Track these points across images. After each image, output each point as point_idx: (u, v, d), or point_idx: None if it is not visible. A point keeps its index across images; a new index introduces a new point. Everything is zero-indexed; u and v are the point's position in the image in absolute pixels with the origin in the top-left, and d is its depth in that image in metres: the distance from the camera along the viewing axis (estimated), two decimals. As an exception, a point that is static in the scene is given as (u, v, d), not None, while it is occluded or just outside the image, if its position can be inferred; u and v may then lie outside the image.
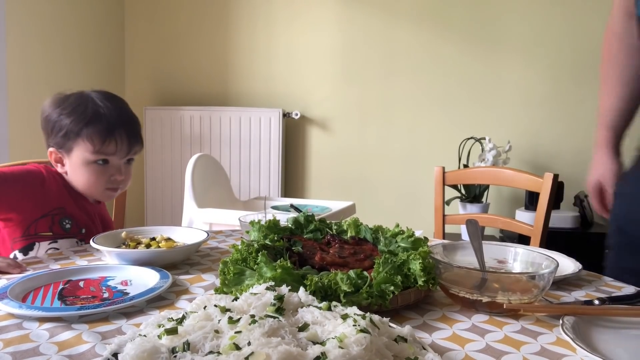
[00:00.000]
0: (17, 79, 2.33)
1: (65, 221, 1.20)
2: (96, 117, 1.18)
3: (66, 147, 1.20)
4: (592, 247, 2.26)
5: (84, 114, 1.18)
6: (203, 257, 1.06)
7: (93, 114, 1.18)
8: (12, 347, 0.60)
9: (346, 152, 2.82)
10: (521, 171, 1.60)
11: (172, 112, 2.85)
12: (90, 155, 1.18)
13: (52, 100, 1.22)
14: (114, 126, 1.18)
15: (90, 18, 2.79)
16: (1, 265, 0.92)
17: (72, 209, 1.22)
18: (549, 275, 0.73)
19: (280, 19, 2.85)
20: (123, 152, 1.21)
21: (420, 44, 2.68)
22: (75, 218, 1.23)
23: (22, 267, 0.93)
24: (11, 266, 0.92)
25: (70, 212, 1.22)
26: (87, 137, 1.17)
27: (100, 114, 1.18)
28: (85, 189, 1.23)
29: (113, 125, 1.18)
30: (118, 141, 1.19)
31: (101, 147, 1.17)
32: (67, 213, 1.21)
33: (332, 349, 0.49)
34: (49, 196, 1.19)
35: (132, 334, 0.55)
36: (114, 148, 1.19)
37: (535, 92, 2.58)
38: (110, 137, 1.18)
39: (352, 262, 0.83)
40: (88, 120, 1.17)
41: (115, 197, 1.30)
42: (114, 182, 1.23)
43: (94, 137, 1.17)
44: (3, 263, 0.92)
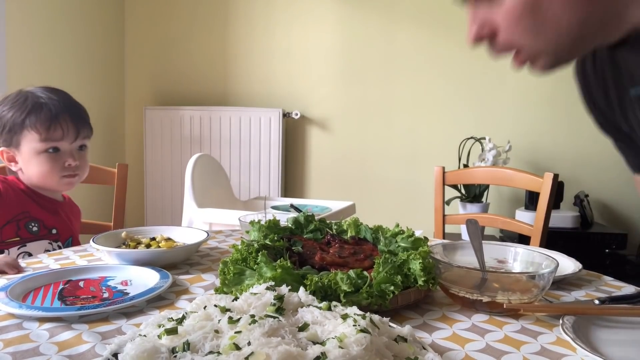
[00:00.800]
0: (17, 79, 2.33)
1: (31, 224, 1.20)
2: (37, 106, 1.18)
3: (14, 143, 1.20)
4: (592, 247, 2.27)
5: (24, 105, 1.18)
6: (203, 257, 1.06)
7: (33, 104, 1.18)
8: (12, 347, 0.60)
9: (346, 152, 2.82)
10: (521, 171, 1.60)
11: (172, 112, 2.85)
12: (39, 144, 1.17)
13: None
14: (57, 112, 1.19)
15: (90, 18, 2.79)
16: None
17: (36, 211, 1.22)
18: (549, 275, 0.73)
19: (280, 19, 2.85)
20: (71, 136, 1.21)
21: (420, 43, 2.68)
22: (42, 220, 1.22)
23: (19, 269, 0.93)
24: (8, 265, 0.92)
25: (34, 215, 1.22)
26: (31, 127, 1.17)
27: (41, 103, 1.19)
28: (42, 180, 1.22)
29: (56, 111, 1.19)
30: (64, 125, 1.19)
31: (47, 134, 1.17)
32: (31, 216, 1.21)
33: (332, 349, 0.49)
34: (9, 204, 1.18)
35: (132, 334, 0.55)
36: (60, 133, 1.19)
37: (535, 92, 2.58)
38: (54, 122, 1.18)
39: (352, 262, 0.83)
40: (29, 110, 1.17)
41: (74, 185, 1.28)
42: (68, 169, 1.22)
43: (38, 125, 1.17)
44: (1, 262, 0.92)
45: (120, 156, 3.05)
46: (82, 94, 2.74)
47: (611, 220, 2.54)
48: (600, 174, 2.53)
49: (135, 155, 3.04)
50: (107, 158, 2.88)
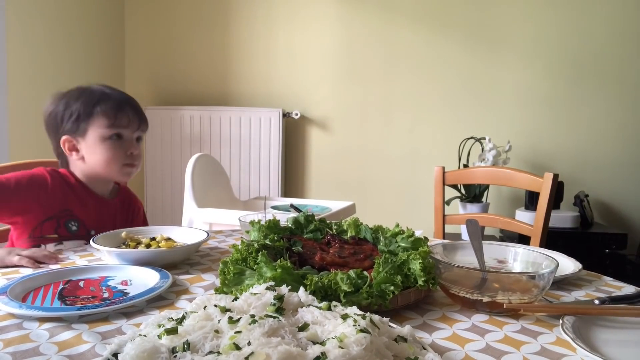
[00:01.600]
0: (17, 79, 2.33)
1: (71, 223, 1.21)
2: (105, 96, 1.25)
3: (80, 130, 1.23)
4: (592, 247, 2.27)
5: (92, 95, 1.24)
6: (203, 257, 1.06)
7: (101, 94, 1.25)
8: (12, 347, 0.60)
9: (346, 152, 2.82)
10: (521, 171, 1.60)
11: (172, 112, 2.85)
12: (106, 130, 1.22)
13: (53, 98, 1.27)
14: (123, 102, 1.26)
15: (90, 18, 2.79)
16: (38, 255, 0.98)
17: (79, 211, 1.24)
18: (549, 275, 0.73)
19: (280, 19, 2.85)
20: (134, 125, 1.27)
21: (420, 43, 2.68)
22: (82, 220, 1.23)
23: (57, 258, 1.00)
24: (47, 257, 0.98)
25: (76, 214, 1.23)
26: (101, 113, 1.22)
27: (107, 94, 1.26)
28: (105, 167, 1.25)
29: (121, 101, 1.26)
30: (130, 114, 1.26)
31: (115, 121, 1.23)
32: (73, 215, 1.22)
33: (332, 349, 0.49)
34: (53, 199, 1.20)
35: (132, 334, 0.55)
36: (126, 120, 1.25)
37: (535, 92, 2.58)
38: (121, 110, 1.24)
39: (352, 262, 0.83)
40: (98, 99, 1.23)
41: (132, 175, 1.32)
42: (130, 157, 1.27)
43: (108, 112, 1.23)
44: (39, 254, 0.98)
45: (120, 156, 3.05)
46: (82, 94, 2.75)
47: (611, 220, 2.54)
48: (600, 174, 2.53)
49: (135, 155, 3.04)
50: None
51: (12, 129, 2.32)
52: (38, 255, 0.98)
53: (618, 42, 2.48)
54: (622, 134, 2.50)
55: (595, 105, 2.53)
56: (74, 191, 1.24)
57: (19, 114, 2.34)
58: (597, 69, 2.52)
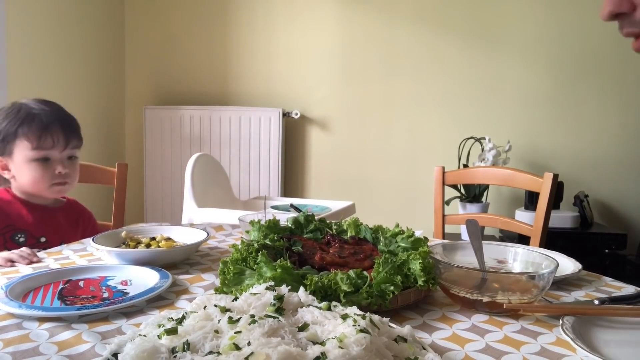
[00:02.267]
0: (17, 79, 2.33)
1: (17, 236, 1.23)
2: (29, 117, 1.23)
3: (7, 151, 1.25)
4: (592, 247, 2.27)
5: (17, 115, 1.24)
6: (203, 257, 1.06)
7: (26, 115, 1.24)
8: (12, 347, 0.60)
9: (346, 152, 2.82)
10: (521, 171, 1.60)
11: (172, 111, 2.85)
12: (30, 153, 1.22)
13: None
14: (48, 122, 1.24)
15: (90, 18, 2.79)
16: (13, 256, 0.98)
17: (22, 222, 1.25)
18: (548, 275, 0.73)
19: (280, 19, 2.85)
20: (61, 146, 1.26)
21: (420, 43, 2.68)
22: (29, 230, 1.25)
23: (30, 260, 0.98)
24: (21, 257, 0.98)
25: (20, 226, 1.25)
26: (23, 136, 1.22)
27: (33, 114, 1.24)
28: (33, 187, 1.26)
29: (47, 122, 1.24)
30: (54, 135, 1.24)
31: (38, 143, 1.22)
32: (17, 228, 1.24)
33: (332, 349, 0.49)
34: None
35: (132, 334, 0.55)
36: (50, 142, 1.24)
37: (535, 92, 2.58)
38: (45, 132, 1.23)
39: (352, 262, 0.83)
40: (22, 120, 1.23)
41: (64, 193, 1.32)
42: (58, 177, 1.26)
43: (29, 135, 1.22)
44: (15, 254, 0.98)
45: (120, 156, 3.05)
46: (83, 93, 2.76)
47: (611, 221, 2.54)
48: (600, 174, 2.53)
49: (135, 154, 3.04)
50: (107, 158, 2.88)
51: (12, 128, 2.31)
52: (13, 256, 0.98)
53: (618, 42, 2.48)
54: (622, 134, 2.50)
55: (595, 105, 2.53)
56: (12, 206, 1.27)
57: (19, 113, 2.34)
58: (597, 69, 2.52)
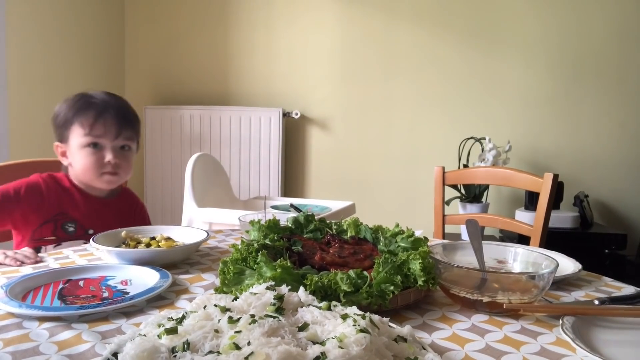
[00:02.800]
0: (18, 78, 2.33)
1: (67, 225, 1.26)
2: (86, 104, 1.27)
3: (64, 137, 1.28)
4: (592, 247, 2.27)
5: (76, 103, 1.27)
6: (203, 257, 1.06)
7: (84, 103, 1.27)
8: (12, 347, 0.60)
9: (346, 152, 2.82)
10: (521, 171, 1.60)
11: (172, 111, 2.85)
12: (82, 139, 1.25)
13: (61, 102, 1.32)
14: (102, 111, 1.26)
15: (90, 18, 2.79)
16: (18, 256, 0.98)
17: (75, 212, 1.28)
18: (548, 275, 0.73)
19: (281, 19, 2.85)
20: (112, 134, 1.27)
21: (420, 43, 2.68)
22: (79, 221, 1.27)
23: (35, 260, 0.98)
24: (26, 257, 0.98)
25: (73, 215, 1.27)
26: (78, 122, 1.25)
27: (90, 102, 1.27)
28: (84, 175, 1.28)
29: (101, 110, 1.26)
30: (106, 124, 1.26)
31: (90, 130, 1.25)
32: (69, 217, 1.27)
33: (332, 349, 0.49)
34: (49, 204, 1.26)
35: (132, 334, 0.55)
36: (102, 130, 1.25)
37: (535, 92, 2.58)
38: (98, 119, 1.25)
39: (352, 262, 0.83)
40: (78, 107, 1.26)
41: (116, 183, 1.33)
42: (107, 166, 1.27)
43: (84, 121, 1.25)
44: (20, 254, 0.99)
45: (120, 156, 3.05)
46: (82, 93, 2.75)
47: (611, 221, 2.54)
48: (600, 174, 2.53)
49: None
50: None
51: (12, 129, 2.32)
52: (18, 256, 0.99)
53: (618, 41, 2.48)
54: (622, 134, 2.50)
55: (596, 105, 2.53)
56: (68, 194, 1.29)
57: (19, 114, 2.34)
58: (597, 69, 2.52)
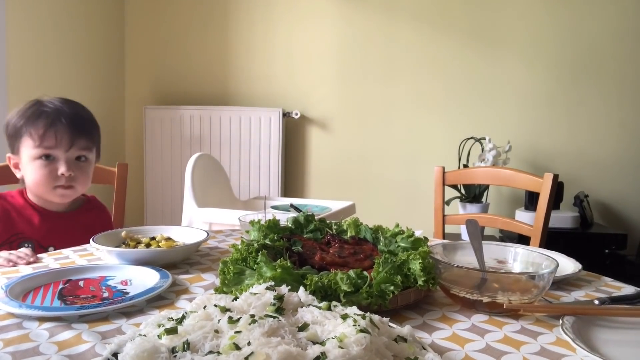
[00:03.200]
0: (17, 78, 2.33)
1: (24, 245, 1.18)
2: (37, 113, 1.19)
3: (15, 148, 1.21)
4: (592, 247, 2.27)
5: (27, 112, 1.20)
6: (203, 257, 1.06)
7: (35, 112, 1.19)
8: (12, 347, 0.60)
9: (346, 152, 2.82)
10: (521, 171, 1.60)
11: (172, 111, 2.85)
12: (33, 150, 1.17)
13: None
14: (54, 119, 1.18)
15: (90, 18, 2.79)
16: (12, 257, 0.97)
17: (31, 231, 1.22)
18: (548, 275, 0.73)
19: (281, 19, 2.85)
20: (65, 145, 1.18)
21: (419, 43, 2.68)
22: (37, 239, 1.21)
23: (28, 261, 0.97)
24: (20, 258, 0.97)
25: (29, 235, 1.21)
26: (27, 133, 1.18)
27: (42, 111, 1.19)
28: (36, 188, 1.21)
29: (52, 119, 1.18)
30: (58, 133, 1.17)
31: (41, 141, 1.16)
32: (25, 237, 1.20)
33: (332, 349, 0.49)
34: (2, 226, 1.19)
35: (132, 334, 0.55)
36: (53, 140, 1.17)
37: (535, 92, 2.58)
38: (49, 130, 1.17)
39: (352, 262, 0.83)
40: (28, 116, 1.18)
41: (71, 197, 1.25)
42: (61, 179, 1.19)
43: (33, 132, 1.17)
44: (14, 255, 0.97)
45: (120, 156, 3.05)
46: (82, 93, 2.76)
47: (611, 221, 2.54)
48: (600, 174, 2.53)
49: (135, 155, 3.04)
50: (107, 158, 2.86)
51: (12, 128, 2.31)
52: (12, 257, 0.97)
53: (617, 42, 2.48)
54: (622, 133, 2.50)
55: (595, 105, 2.53)
56: (22, 212, 1.23)
57: (19, 113, 2.34)
58: (596, 69, 2.52)
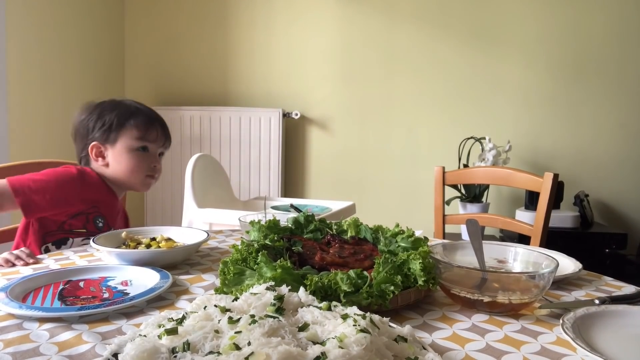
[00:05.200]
0: (17, 79, 2.33)
1: (98, 220, 1.28)
2: (138, 111, 1.35)
3: (110, 139, 1.31)
4: (592, 247, 2.27)
5: (128, 108, 1.34)
6: (203, 257, 1.06)
7: (135, 109, 1.35)
8: (12, 348, 0.60)
9: (346, 152, 2.82)
10: (521, 171, 1.60)
11: (172, 112, 2.85)
12: (134, 142, 1.31)
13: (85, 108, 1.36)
14: (154, 118, 1.36)
15: (90, 18, 2.79)
16: (10, 257, 0.98)
17: (105, 208, 1.31)
18: (549, 275, 0.73)
19: (280, 19, 2.85)
20: (160, 141, 1.36)
21: (420, 43, 2.68)
22: (107, 217, 1.31)
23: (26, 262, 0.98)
24: (18, 258, 0.98)
25: (103, 211, 1.30)
26: (133, 126, 1.31)
27: (140, 109, 1.36)
28: (128, 175, 1.32)
29: (153, 118, 1.36)
30: (158, 131, 1.35)
31: (145, 134, 1.32)
32: (100, 212, 1.29)
33: (332, 349, 0.49)
34: (85, 196, 1.26)
35: (132, 334, 0.55)
36: (155, 135, 1.34)
37: (535, 92, 2.58)
38: (151, 125, 1.34)
39: (352, 262, 0.83)
40: (132, 112, 1.33)
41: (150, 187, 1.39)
42: (153, 170, 1.35)
43: (139, 125, 1.32)
44: (11, 255, 0.98)
45: (120, 156, 3.05)
46: (82, 93, 2.76)
47: (611, 220, 2.54)
48: (600, 173, 2.53)
49: (135, 155, 3.04)
50: (107, 158, 2.88)
51: (12, 129, 2.32)
52: (11, 257, 0.99)
53: (618, 42, 2.48)
54: (622, 133, 2.50)
55: (595, 104, 2.53)
56: (100, 190, 1.31)
57: (19, 114, 2.34)
58: (597, 69, 2.52)
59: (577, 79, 2.53)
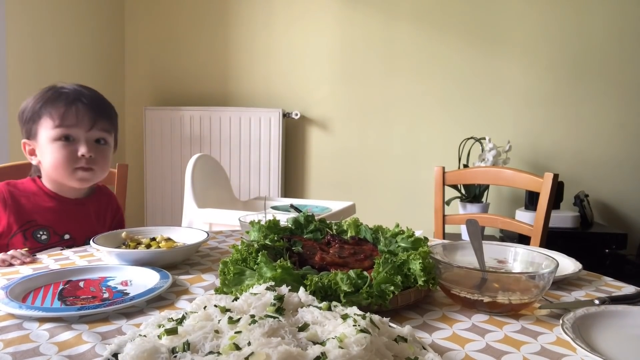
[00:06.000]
0: (17, 78, 2.33)
1: (39, 233, 1.16)
2: (56, 94, 1.16)
3: (32, 133, 1.18)
4: (592, 247, 2.27)
5: (45, 94, 1.17)
6: (203, 257, 1.06)
7: (54, 93, 1.17)
8: (12, 348, 0.60)
9: (346, 152, 2.82)
10: (521, 171, 1.60)
11: (172, 112, 2.85)
12: (52, 131, 1.14)
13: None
14: (74, 100, 1.16)
15: (90, 18, 2.79)
16: (5, 257, 0.97)
17: (44, 218, 1.18)
18: (549, 275, 0.73)
19: (281, 19, 2.85)
20: (85, 124, 1.16)
21: (420, 43, 2.68)
22: (51, 226, 1.18)
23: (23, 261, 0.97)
24: (14, 257, 0.97)
25: (42, 222, 1.17)
26: (47, 114, 1.15)
27: (61, 92, 1.17)
28: (55, 171, 1.17)
29: (73, 99, 1.16)
30: (78, 112, 1.15)
31: (62, 120, 1.14)
32: (39, 224, 1.17)
33: (332, 349, 0.49)
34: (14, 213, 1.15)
35: (132, 334, 0.55)
36: (74, 119, 1.15)
37: (535, 92, 2.58)
38: (69, 108, 1.15)
39: (352, 262, 0.83)
40: (47, 98, 1.16)
41: (90, 181, 1.22)
42: (82, 160, 1.16)
43: (53, 112, 1.14)
44: (7, 255, 0.97)
45: (120, 156, 3.05)
46: (82, 94, 2.75)
47: (611, 220, 2.54)
48: (600, 173, 2.53)
49: (135, 155, 3.04)
50: (107, 158, 2.88)
51: (12, 129, 2.32)
52: (7, 257, 0.97)
53: (618, 41, 2.48)
54: (622, 133, 2.50)
55: (596, 105, 2.53)
56: (35, 199, 1.19)
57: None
58: (597, 69, 2.52)
59: (577, 79, 2.53)
